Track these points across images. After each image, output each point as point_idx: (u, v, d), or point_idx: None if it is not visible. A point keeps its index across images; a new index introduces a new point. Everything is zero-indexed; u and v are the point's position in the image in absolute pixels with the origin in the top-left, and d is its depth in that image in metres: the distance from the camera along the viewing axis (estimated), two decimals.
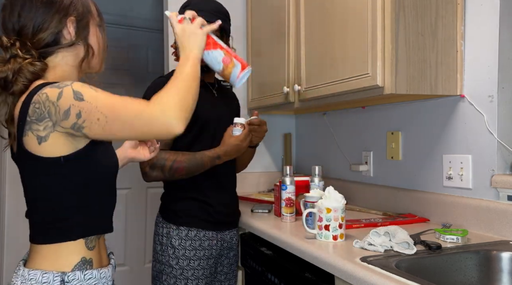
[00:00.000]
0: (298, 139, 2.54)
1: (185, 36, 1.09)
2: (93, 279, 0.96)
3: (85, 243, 0.97)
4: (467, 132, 1.45)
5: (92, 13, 1.06)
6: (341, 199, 1.30)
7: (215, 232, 1.59)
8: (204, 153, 1.53)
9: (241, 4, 2.44)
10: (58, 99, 0.88)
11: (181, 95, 0.93)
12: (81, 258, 0.96)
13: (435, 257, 1.13)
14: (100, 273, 0.98)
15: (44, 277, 0.92)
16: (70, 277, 0.93)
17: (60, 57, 1.01)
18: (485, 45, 1.39)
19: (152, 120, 0.89)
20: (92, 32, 1.05)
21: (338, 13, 1.55)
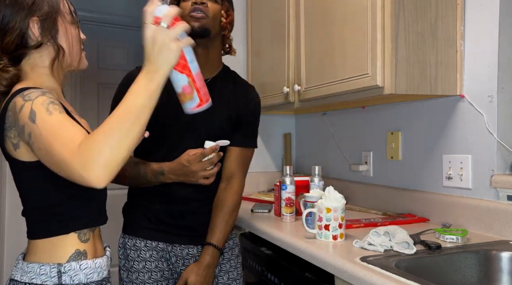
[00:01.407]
0: (298, 139, 2.54)
1: (155, 47, 0.91)
2: (88, 268, 1.00)
3: (78, 236, 1.01)
4: (467, 132, 1.45)
5: (60, 11, 1.02)
6: (341, 199, 1.30)
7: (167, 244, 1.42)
8: (150, 165, 1.37)
9: (241, 4, 2.44)
10: (19, 113, 0.89)
11: (111, 147, 0.83)
12: (75, 250, 1.00)
13: (435, 257, 1.13)
14: (95, 263, 1.02)
15: (42, 269, 0.96)
16: (66, 268, 0.97)
17: (33, 59, 1.00)
18: (485, 45, 1.39)
19: (72, 173, 0.84)
20: (62, 31, 1.02)
21: (338, 13, 1.55)
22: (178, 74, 1.00)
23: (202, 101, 1.04)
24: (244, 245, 1.69)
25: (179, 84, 1.01)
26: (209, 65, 1.45)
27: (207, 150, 1.30)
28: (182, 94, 1.02)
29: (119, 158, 0.84)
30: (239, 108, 1.46)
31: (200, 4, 1.35)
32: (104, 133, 0.84)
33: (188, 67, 1.01)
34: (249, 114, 1.48)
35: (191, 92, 1.02)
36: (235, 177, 1.45)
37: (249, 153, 1.50)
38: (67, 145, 0.85)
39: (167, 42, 0.91)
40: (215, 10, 1.39)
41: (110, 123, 0.85)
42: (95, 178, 0.82)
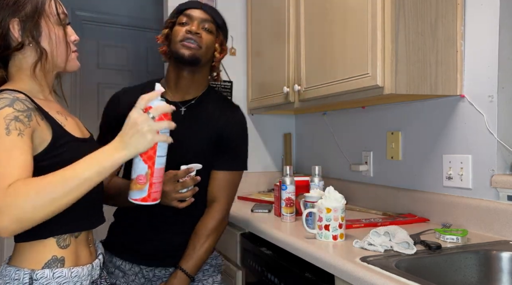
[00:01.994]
0: (298, 139, 2.54)
1: (132, 130, 0.92)
2: (62, 277, 0.96)
3: (56, 241, 0.98)
4: (467, 132, 1.45)
5: (45, 11, 0.99)
6: (341, 199, 1.30)
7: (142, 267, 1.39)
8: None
9: (241, 4, 2.44)
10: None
11: (39, 207, 0.83)
12: (52, 256, 0.97)
13: (435, 257, 1.13)
14: (72, 272, 0.97)
15: (16, 274, 0.94)
16: (38, 275, 0.93)
17: (18, 61, 0.99)
18: (485, 45, 1.39)
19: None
20: (45, 33, 0.99)
21: (338, 13, 1.55)
22: (141, 162, 1.00)
23: (148, 197, 1.03)
24: (244, 245, 1.69)
25: (137, 171, 1.01)
26: (193, 87, 1.41)
27: (180, 172, 1.27)
28: (134, 181, 1.02)
29: (37, 218, 0.84)
30: (218, 128, 1.38)
31: (194, 34, 1.32)
32: (38, 191, 0.83)
33: (153, 160, 1.01)
34: (231, 135, 1.40)
35: (144, 183, 1.01)
36: (216, 201, 1.38)
37: (233, 176, 1.41)
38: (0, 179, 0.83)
39: (145, 131, 0.93)
40: (208, 41, 1.35)
41: (50, 183, 0.85)
42: (1, 228, 0.82)
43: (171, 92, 1.40)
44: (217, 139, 1.38)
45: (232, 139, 1.40)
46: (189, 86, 1.40)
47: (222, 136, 1.38)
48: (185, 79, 1.39)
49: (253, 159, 2.50)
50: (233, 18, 2.43)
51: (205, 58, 1.36)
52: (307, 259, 1.23)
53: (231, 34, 2.39)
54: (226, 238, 1.83)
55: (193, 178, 1.29)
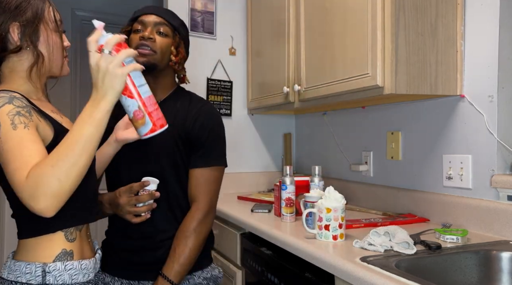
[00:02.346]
0: (298, 139, 2.54)
1: (100, 73, 0.93)
2: (73, 269, 1.00)
3: (64, 235, 1.01)
4: (467, 132, 1.45)
5: (44, 18, 1.03)
6: (341, 199, 1.30)
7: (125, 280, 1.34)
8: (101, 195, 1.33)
9: (241, 4, 2.44)
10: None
11: (59, 177, 0.86)
12: (61, 250, 1.00)
13: (435, 257, 1.13)
14: (81, 264, 1.02)
15: (27, 268, 0.97)
16: (51, 268, 0.97)
17: (12, 63, 1.01)
18: (485, 45, 1.39)
19: (22, 199, 0.87)
20: (43, 38, 1.02)
21: (338, 13, 1.55)
22: (128, 100, 1.00)
23: (155, 126, 1.03)
24: (244, 245, 1.69)
25: (130, 109, 1.01)
26: (159, 90, 1.38)
27: (135, 185, 1.25)
28: (134, 119, 1.02)
29: (68, 187, 0.88)
30: (186, 125, 1.33)
31: (148, 40, 1.30)
32: (52, 164, 0.86)
33: (137, 92, 1.01)
34: (200, 130, 1.33)
35: (143, 116, 1.02)
36: (195, 201, 1.32)
37: (209, 173, 1.34)
38: (20, 170, 0.86)
39: (111, 69, 0.93)
40: (163, 44, 1.33)
41: (58, 154, 0.88)
42: (43, 208, 0.85)
43: None
44: (186, 137, 1.33)
45: (201, 134, 1.33)
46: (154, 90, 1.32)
47: (190, 133, 1.33)
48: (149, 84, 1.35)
49: (253, 159, 2.51)
50: (233, 18, 2.44)
51: (161, 63, 1.33)
52: (307, 259, 1.23)
53: (231, 34, 2.42)
54: (226, 238, 1.83)
55: (150, 193, 1.26)
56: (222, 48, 2.40)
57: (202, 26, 2.35)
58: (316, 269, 1.19)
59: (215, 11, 2.38)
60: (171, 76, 1.42)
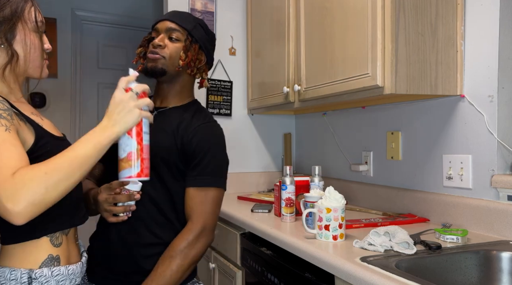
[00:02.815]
0: (298, 139, 2.54)
1: (120, 107, 1.00)
2: (60, 275, 0.98)
3: (50, 240, 0.99)
4: (467, 132, 1.45)
5: (23, 17, 1.00)
6: (341, 199, 1.30)
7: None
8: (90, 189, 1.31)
9: (241, 4, 2.44)
10: None
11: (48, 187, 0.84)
12: (48, 255, 0.98)
13: (435, 257, 1.13)
14: (68, 270, 1.00)
15: (12, 274, 0.94)
16: (37, 274, 0.95)
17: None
18: (485, 45, 1.39)
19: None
20: (20, 37, 1.00)
21: (338, 13, 1.55)
22: (130, 139, 1.05)
23: (142, 172, 1.07)
24: (244, 245, 1.69)
25: (126, 149, 1.05)
26: (171, 97, 1.38)
27: (114, 182, 1.20)
28: (125, 159, 1.05)
29: (51, 199, 0.86)
30: (184, 137, 1.29)
31: (157, 47, 1.32)
32: (46, 171, 0.85)
33: (141, 136, 1.06)
34: (197, 148, 1.29)
35: (136, 159, 1.06)
36: (189, 220, 1.27)
37: (205, 193, 1.28)
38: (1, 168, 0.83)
39: (132, 106, 1.01)
40: (173, 50, 1.33)
41: (55, 164, 0.88)
42: (18, 213, 0.82)
43: (154, 98, 1.42)
44: (183, 149, 1.29)
45: (198, 152, 1.29)
46: (167, 95, 1.38)
47: (187, 147, 1.29)
48: (163, 90, 1.39)
49: (253, 159, 2.52)
50: (233, 18, 2.44)
51: (171, 67, 1.33)
52: (307, 259, 1.23)
53: (231, 34, 2.42)
54: (226, 238, 1.83)
55: (129, 194, 1.19)
56: (222, 48, 2.40)
57: None
58: (316, 269, 1.19)
59: (215, 11, 2.38)
60: (187, 84, 1.40)
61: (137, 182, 1.20)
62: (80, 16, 3.40)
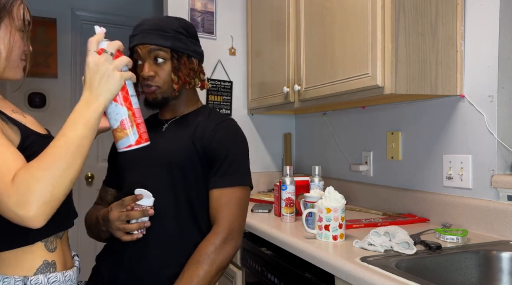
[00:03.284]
0: (298, 139, 2.54)
1: (98, 74, 0.89)
2: (57, 282, 0.93)
3: (44, 245, 0.94)
4: (467, 132, 1.45)
5: (11, 13, 0.94)
6: (341, 199, 1.30)
7: None
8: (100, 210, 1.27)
9: (241, 4, 2.44)
10: None
11: (52, 182, 0.79)
12: (43, 261, 0.93)
13: (435, 257, 1.13)
14: (65, 276, 0.95)
15: (5, 282, 0.88)
16: (33, 281, 0.89)
17: None
18: (485, 45, 1.39)
19: (6, 210, 0.77)
20: (4, 33, 0.93)
21: (338, 13, 1.55)
22: (118, 106, 0.94)
23: (141, 138, 0.97)
24: (244, 245, 1.69)
25: (117, 117, 0.95)
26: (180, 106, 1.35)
27: (126, 198, 1.15)
28: (119, 128, 0.95)
29: (61, 193, 0.81)
30: (204, 139, 1.25)
31: (148, 79, 1.24)
32: (44, 168, 0.79)
33: (130, 100, 0.96)
34: (219, 147, 1.25)
35: (131, 126, 0.96)
36: (215, 223, 1.21)
37: (230, 194, 1.23)
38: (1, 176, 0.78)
39: (111, 70, 0.90)
40: (164, 74, 1.25)
41: (51, 156, 0.81)
42: (34, 216, 0.77)
43: (161, 112, 1.38)
44: (204, 152, 1.25)
45: (220, 151, 1.25)
46: (175, 108, 1.35)
47: (208, 148, 1.25)
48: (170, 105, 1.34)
49: (253, 159, 2.50)
50: (233, 18, 2.44)
51: (169, 91, 1.27)
52: (307, 259, 1.23)
53: (231, 34, 2.42)
54: None
55: (143, 210, 1.15)
56: (222, 48, 2.40)
57: (202, 26, 2.35)
58: (316, 269, 1.19)
59: (215, 11, 2.38)
60: (190, 94, 1.37)
61: (150, 196, 1.17)
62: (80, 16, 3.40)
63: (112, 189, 1.39)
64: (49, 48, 3.23)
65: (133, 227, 1.15)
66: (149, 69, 1.24)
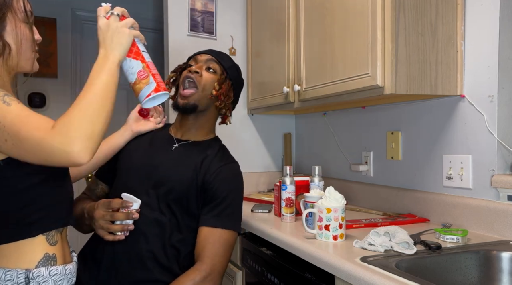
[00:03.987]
0: (298, 139, 2.54)
1: (109, 32, 1.00)
2: (58, 275, 0.95)
3: (46, 238, 0.96)
4: (467, 132, 1.45)
5: (13, 7, 0.96)
6: (341, 199, 1.30)
7: None
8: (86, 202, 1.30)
9: (241, 4, 2.44)
10: None
11: (89, 120, 0.85)
12: (44, 254, 0.95)
13: (435, 257, 1.13)
14: (66, 269, 0.97)
15: (7, 275, 0.91)
16: (35, 274, 0.92)
17: None
18: (485, 45, 1.39)
19: (53, 151, 0.82)
20: (10, 27, 0.95)
21: (338, 13, 1.55)
22: (132, 61, 1.04)
23: (159, 86, 1.04)
24: (244, 245, 1.69)
25: (133, 71, 1.03)
26: (195, 130, 1.40)
27: (114, 201, 1.18)
28: (137, 81, 1.03)
29: (100, 129, 0.87)
30: (206, 176, 1.29)
31: (194, 73, 1.33)
32: (80, 108, 0.86)
33: (142, 55, 1.05)
34: (219, 189, 1.29)
35: (147, 76, 1.04)
36: (198, 260, 1.24)
37: (220, 235, 1.26)
38: (39, 127, 0.83)
39: (120, 27, 1.01)
40: (208, 79, 1.37)
41: (83, 99, 0.88)
42: (79, 151, 0.82)
43: (175, 129, 1.43)
44: (203, 187, 1.29)
45: (220, 192, 1.29)
46: (190, 128, 1.39)
47: (208, 186, 1.29)
48: (187, 122, 1.40)
49: (253, 159, 2.51)
50: (233, 18, 2.43)
51: (201, 102, 1.35)
52: (307, 259, 1.23)
53: (231, 34, 2.42)
54: None
55: (127, 213, 1.18)
56: (222, 48, 2.39)
57: (202, 26, 2.35)
58: (316, 269, 1.19)
59: (215, 11, 2.38)
60: (211, 119, 1.43)
61: (137, 200, 1.19)
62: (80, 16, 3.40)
63: (103, 183, 1.40)
64: (49, 48, 3.23)
65: (116, 228, 1.18)
66: (198, 68, 1.37)
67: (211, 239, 1.25)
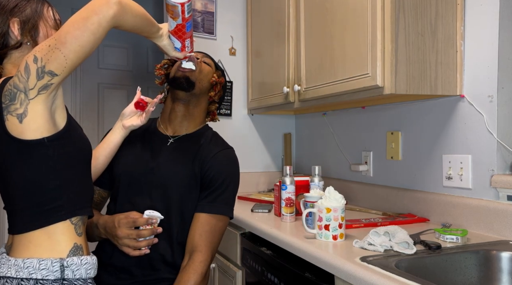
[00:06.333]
0: (298, 139, 2.54)
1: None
2: (88, 264, 1.00)
3: (74, 228, 1.00)
4: (467, 132, 1.45)
5: (43, 15, 1.08)
6: (341, 199, 1.30)
7: None
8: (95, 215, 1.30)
9: (241, 4, 2.44)
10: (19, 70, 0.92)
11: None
12: (73, 244, 1.00)
13: (435, 257, 1.13)
14: (93, 259, 1.03)
15: (42, 264, 0.94)
16: (69, 262, 0.96)
17: (14, 58, 1.04)
18: (485, 45, 1.39)
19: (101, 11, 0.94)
20: (43, 33, 1.07)
21: (338, 13, 1.55)
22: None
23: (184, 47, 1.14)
24: (244, 245, 1.69)
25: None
26: (186, 121, 1.39)
27: (141, 219, 1.21)
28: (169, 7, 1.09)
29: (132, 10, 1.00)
30: (203, 165, 1.30)
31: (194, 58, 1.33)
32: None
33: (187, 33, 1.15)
34: (216, 175, 1.30)
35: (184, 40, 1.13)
36: (197, 251, 1.24)
37: (216, 221, 1.28)
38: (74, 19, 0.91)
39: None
40: (205, 69, 1.39)
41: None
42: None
43: (164, 125, 1.41)
44: (202, 177, 1.30)
45: (216, 179, 1.30)
46: (182, 120, 1.38)
47: (204, 174, 1.30)
48: (178, 111, 1.38)
49: (253, 159, 2.52)
50: (233, 18, 2.44)
51: (199, 83, 1.35)
52: (307, 259, 1.23)
53: (231, 34, 2.42)
54: (226, 238, 1.83)
55: (152, 229, 1.22)
56: (222, 49, 2.40)
57: (202, 26, 2.35)
58: (316, 269, 1.19)
59: (215, 11, 2.38)
60: (202, 109, 1.42)
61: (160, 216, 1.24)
62: None
63: (100, 188, 1.39)
64: None
65: (143, 244, 1.22)
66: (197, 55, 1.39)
67: (207, 227, 1.27)
